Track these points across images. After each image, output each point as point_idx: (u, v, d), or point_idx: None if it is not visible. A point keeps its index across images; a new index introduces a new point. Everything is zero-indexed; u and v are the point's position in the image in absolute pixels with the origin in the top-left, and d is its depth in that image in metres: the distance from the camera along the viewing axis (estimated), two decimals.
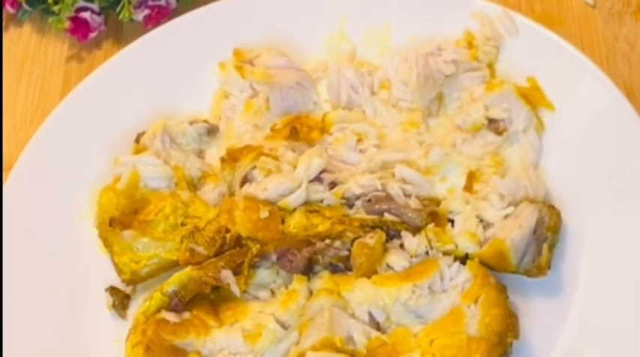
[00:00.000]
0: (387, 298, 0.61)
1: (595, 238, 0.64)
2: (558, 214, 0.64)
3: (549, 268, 0.62)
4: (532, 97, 0.69)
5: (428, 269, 0.62)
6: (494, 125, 0.69)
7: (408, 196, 0.65)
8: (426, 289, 0.61)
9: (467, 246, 0.62)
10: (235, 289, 0.63)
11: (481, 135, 0.68)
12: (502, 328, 0.59)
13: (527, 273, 0.62)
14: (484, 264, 0.62)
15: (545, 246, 0.62)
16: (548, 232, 0.62)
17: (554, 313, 0.62)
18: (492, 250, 0.61)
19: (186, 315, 0.62)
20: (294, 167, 0.67)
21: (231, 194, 0.68)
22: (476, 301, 0.60)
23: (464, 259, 0.62)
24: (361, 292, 0.61)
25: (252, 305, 0.63)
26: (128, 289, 0.66)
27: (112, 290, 0.66)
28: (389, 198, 0.65)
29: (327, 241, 0.63)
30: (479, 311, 0.59)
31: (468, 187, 0.66)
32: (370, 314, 0.61)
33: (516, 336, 0.60)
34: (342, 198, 0.65)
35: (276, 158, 0.68)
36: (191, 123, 0.73)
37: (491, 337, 0.59)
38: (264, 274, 0.65)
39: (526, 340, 0.61)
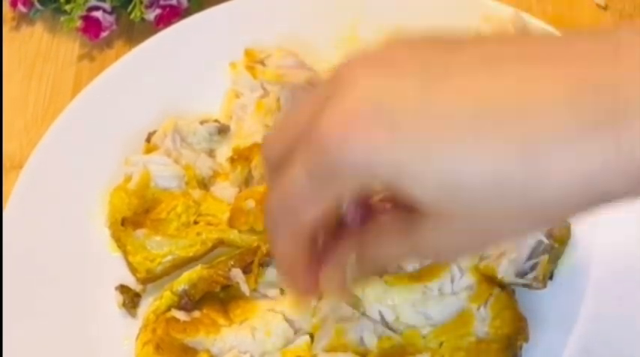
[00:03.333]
0: (396, 298, 0.61)
1: (604, 242, 0.63)
2: (568, 227, 0.63)
3: (550, 279, 0.62)
4: None
5: (439, 270, 0.61)
6: None
7: None
8: (436, 291, 0.61)
9: (469, 260, 0.62)
10: (245, 288, 0.63)
11: None
12: (512, 330, 0.59)
13: (527, 287, 0.61)
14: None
15: (544, 258, 0.61)
16: (555, 242, 0.62)
17: (563, 315, 0.62)
18: (485, 272, 0.61)
19: (196, 314, 0.62)
20: None
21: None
22: (485, 304, 0.60)
23: None
24: (372, 291, 0.61)
25: (262, 303, 0.63)
26: (138, 288, 0.66)
27: (123, 289, 0.66)
28: None
29: None
30: (489, 314, 0.59)
31: None
32: (380, 313, 0.61)
33: (526, 339, 0.59)
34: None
35: None
36: (202, 122, 0.73)
37: (501, 340, 0.58)
38: (273, 273, 0.64)
39: (535, 343, 0.61)
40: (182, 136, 0.72)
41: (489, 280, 0.61)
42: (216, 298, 0.64)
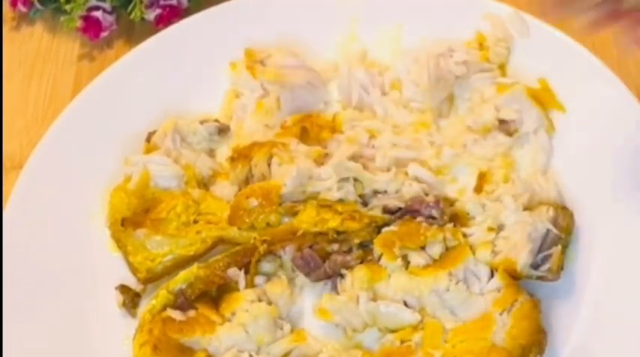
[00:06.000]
0: (422, 287, 0.61)
1: (606, 238, 0.64)
2: (571, 215, 0.64)
3: (562, 270, 0.62)
4: (543, 98, 0.69)
5: (460, 255, 0.62)
6: (504, 126, 0.69)
7: (425, 194, 0.65)
8: (462, 276, 0.61)
9: (482, 255, 0.62)
10: (242, 285, 0.64)
11: (492, 136, 0.68)
12: (528, 342, 0.58)
13: (541, 279, 0.62)
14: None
15: (557, 249, 0.61)
16: (561, 232, 0.62)
17: (565, 310, 0.62)
18: (504, 266, 0.61)
19: (192, 313, 0.63)
20: (308, 158, 0.67)
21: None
22: (509, 311, 0.59)
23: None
24: (396, 282, 0.61)
25: (244, 293, 0.63)
26: (138, 288, 0.67)
27: (123, 288, 0.66)
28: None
29: (335, 246, 0.64)
30: (509, 321, 0.59)
31: (478, 188, 0.66)
32: (405, 303, 0.62)
33: (541, 352, 0.59)
34: (360, 194, 0.66)
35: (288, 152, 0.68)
36: (202, 122, 0.73)
37: (514, 349, 0.58)
38: (266, 266, 0.65)
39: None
40: (182, 136, 0.72)
41: (511, 276, 0.61)
42: (209, 296, 0.64)
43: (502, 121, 0.69)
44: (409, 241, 0.62)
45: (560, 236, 0.62)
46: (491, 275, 0.61)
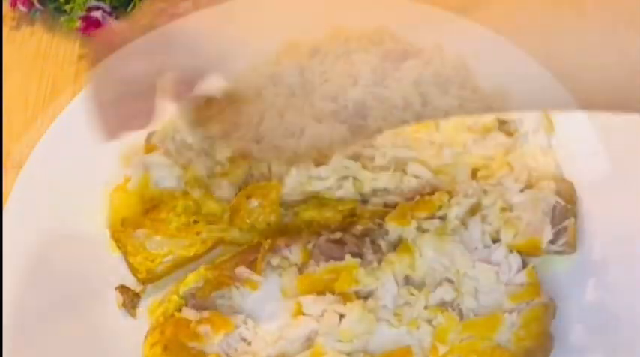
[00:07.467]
0: (455, 249, 0.61)
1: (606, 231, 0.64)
2: (571, 185, 0.64)
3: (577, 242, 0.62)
4: None
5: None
6: (504, 127, 0.69)
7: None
8: (498, 260, 0.61)
9: (505, 236, 0.62)
10: (257, 279, 0.63)
11: (492, 136, 0.68)
12: (534, 346, 0.58)
13: (558, 253, 0.62)
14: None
15: (570, 222, 0.62)
16: (567, 204, 0.62)
17: (565, 310, 0.62)
18: (527, 245, 0.61)
19: (206, 313, 0.62)
20: None
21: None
22: (519, 311, 0.59)
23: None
24: (427, 247, 0.62)
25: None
26: (138, 288, 0.67)
27: (122, 289, 0.66)
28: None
29: (338, 234, 0.64)
30: (518, 321, 0.59)
31: (473, 175, 0.66)
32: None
33: None
34: (361, 193, 0.66)
35: None
36: None
37: (518, 352, 0.58)
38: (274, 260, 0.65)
39: None
40: (182, 136, 0.72)
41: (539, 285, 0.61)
42: None
43: (502, 122, 0.69)
44: (423, 209, 0.63)
45: (567, 207, 0.62)
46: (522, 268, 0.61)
